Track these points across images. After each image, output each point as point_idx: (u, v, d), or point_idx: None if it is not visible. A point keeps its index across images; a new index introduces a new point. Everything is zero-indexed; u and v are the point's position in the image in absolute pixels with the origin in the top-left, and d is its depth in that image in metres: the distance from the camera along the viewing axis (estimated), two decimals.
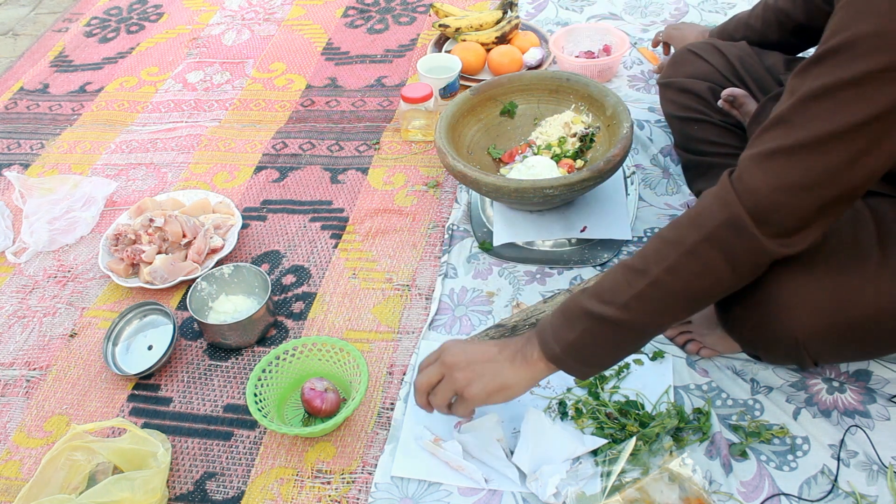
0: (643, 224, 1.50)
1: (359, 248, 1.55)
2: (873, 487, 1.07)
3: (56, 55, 2.32)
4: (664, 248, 0.92)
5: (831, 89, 0.80)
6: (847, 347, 1.02)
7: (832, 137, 0.80)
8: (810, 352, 1.01)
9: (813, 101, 0.82)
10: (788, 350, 1.02)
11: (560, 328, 0.98)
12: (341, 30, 2.27)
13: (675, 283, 0.91)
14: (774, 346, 1.04)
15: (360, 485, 1.15)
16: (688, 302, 0.94)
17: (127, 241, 1.54)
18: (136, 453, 1.15)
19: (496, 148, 1.59)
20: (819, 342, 0.99)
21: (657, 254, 0.92)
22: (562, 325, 0.98)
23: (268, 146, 1.85)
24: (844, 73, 0.79)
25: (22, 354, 1.43)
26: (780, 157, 0.84)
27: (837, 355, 1.09)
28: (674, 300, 0.93)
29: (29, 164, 1.91)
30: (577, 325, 0.96)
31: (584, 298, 0.97)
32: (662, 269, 0.90)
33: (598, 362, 1.00)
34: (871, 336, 0.98)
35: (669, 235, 0.92)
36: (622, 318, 0.93)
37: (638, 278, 0.92)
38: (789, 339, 0.99)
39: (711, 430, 1.14)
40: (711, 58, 1.43)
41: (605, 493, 1.06)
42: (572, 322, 0.97)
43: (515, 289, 1.41)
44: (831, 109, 0.80)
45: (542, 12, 2.20)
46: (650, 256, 0.93)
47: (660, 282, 0.91)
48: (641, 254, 0.95)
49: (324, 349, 1.27)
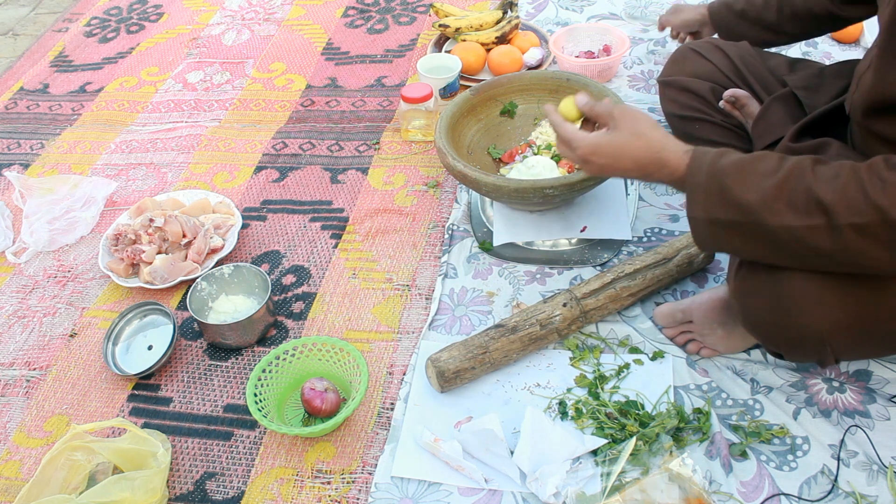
0: (643, 224, 1.50)
1: (359, 248, 1.55)
2: (873, 487, 1.07)
3: (56, 55, 2.32)
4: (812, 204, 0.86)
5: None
6: (870, 343, 1.01)
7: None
8: (834, 348, 0.99)
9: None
10: (812, 346, 1.00)
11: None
12: (341, 30, 2.27)
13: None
14: (798, 344, 1.02)
15: (360, 485, 1.15)
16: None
17: (127, 241, 1.54)
18: (136, 453, 1.15)
19: (496, 148, 1.59)
20: (843, 338, 0.98)
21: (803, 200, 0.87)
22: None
23: (268, 146, 1.85)
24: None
25: (22, 354, 1.43)
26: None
27: (860, 351, 1.07)
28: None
29: (29, 164, 1.91)
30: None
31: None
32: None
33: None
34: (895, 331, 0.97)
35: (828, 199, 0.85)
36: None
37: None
38: (814, 335, 0.98)
39: (711, 430, 1.14)
40: (713, 57, 1.42)
41: (605, 493, 1.06)
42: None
43: (515, 289, 1.41)
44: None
45: (542, 12, 2.20)
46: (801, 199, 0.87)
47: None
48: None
49: (324, 349, 1.27)
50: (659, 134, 1.01)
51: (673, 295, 1.37)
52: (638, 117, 1.03)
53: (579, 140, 1.06)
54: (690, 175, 0.96)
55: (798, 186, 0.87)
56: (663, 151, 0.99)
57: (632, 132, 1.02)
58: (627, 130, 1.03)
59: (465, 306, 1.40)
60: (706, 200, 0.94)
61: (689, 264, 1.34)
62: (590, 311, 1.28)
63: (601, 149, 1.04)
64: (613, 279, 1.29)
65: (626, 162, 1.02)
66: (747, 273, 1.02)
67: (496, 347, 1.23)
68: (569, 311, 1.26)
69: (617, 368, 1.25)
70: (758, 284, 1.01)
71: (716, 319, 1.22)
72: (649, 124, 1.02)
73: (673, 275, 1.33)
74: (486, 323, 1.36)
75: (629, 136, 1.02)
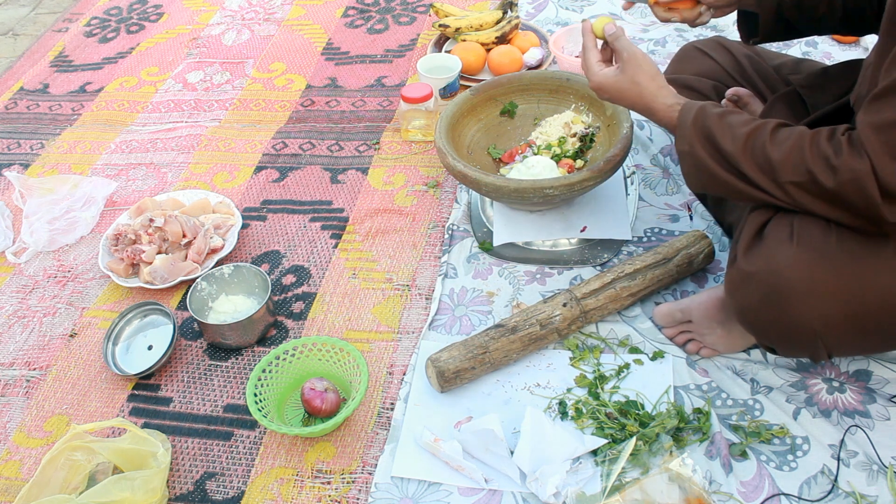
0: (643, 224, 1.50)
1: (359, 248, 1.55)
2: (873, 487, 1.07)
3: (56, 55, 2.32)
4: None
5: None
6: (863, 338, 1.01)
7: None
8: (826, 343, 1.00)
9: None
10: (805, 341, 1.01)
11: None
12: (341, 30, 2.27)
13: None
14: (790, 337, 1.03)
15: (360, 485, 1.15)
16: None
17: (127, 241, 1.54)
18: (136, 453, 1.15)
19: (496, 148, 1.59)
20: (836, 332, 0.98)
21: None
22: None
23: (268, 146, 1.85)
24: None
25: (22, 354, 1.43)
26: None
27: (853, 346, 1.08)
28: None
29: (29, 164, 1.91)
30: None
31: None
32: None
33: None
34: (889, 325, 0.97)
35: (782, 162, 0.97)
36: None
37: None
38: (806, 330, 0.99)
39: (711, 430, 1.14)
40: (718, 55, 1.42)
41: (605, 493, 1.06)
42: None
43: (515, 289, 1.41)
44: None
45: (542, 12, 2.20)
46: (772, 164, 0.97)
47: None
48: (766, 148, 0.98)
49: (324, 349, 1.27)
50: (654, 86, 1.15)
51: (673, 295, 1.37)
52: (641, 65, 1.16)
53: (593, 73, 1.21)
54: (681, 122, 1.09)
55: (756, 143, 0.98)
56: (653, 102, 1.14)
57: (631, 79, 1.16)
58: (628, 76, 1.17)
59: (465, 306, 1.40)
60: (692, 137, 1.06)
61: (689, 264, 1.34)
62: (590, 311, 1.28)
63: (605, 86, 1.20)
64: (613, 279, 1.29)
65: (624, 101, 1.19)
66: (741, 266, 1.03)
67: (496, 347, 1.23)
68: (569, 311, 1.26)
69: (617, 368, 1.24)
70: (750, 277, 1.01)
71: (715, 319, 1.22)
72: (648, 75, 1.15)
73: (673, 275, 1.33)
74: (486, 323, 1.36)
75: (628, 83, 1.17)
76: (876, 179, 0.88)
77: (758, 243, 1.02)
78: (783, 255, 0.98)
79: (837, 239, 0.95)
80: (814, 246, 0.95)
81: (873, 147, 0.88)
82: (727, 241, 1.43)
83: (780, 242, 0.99)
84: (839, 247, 0.95)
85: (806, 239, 0.97)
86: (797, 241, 0.97)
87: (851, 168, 0.90)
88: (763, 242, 1.01)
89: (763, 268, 1.00)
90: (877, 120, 0.89)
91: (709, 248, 1.35)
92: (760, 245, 1.02)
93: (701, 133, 1.04)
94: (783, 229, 0.99)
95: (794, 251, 0.96)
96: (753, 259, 1.01)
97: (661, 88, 1.14)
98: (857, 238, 0.95)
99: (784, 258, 0.97)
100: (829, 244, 0.95)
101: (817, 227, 0.97)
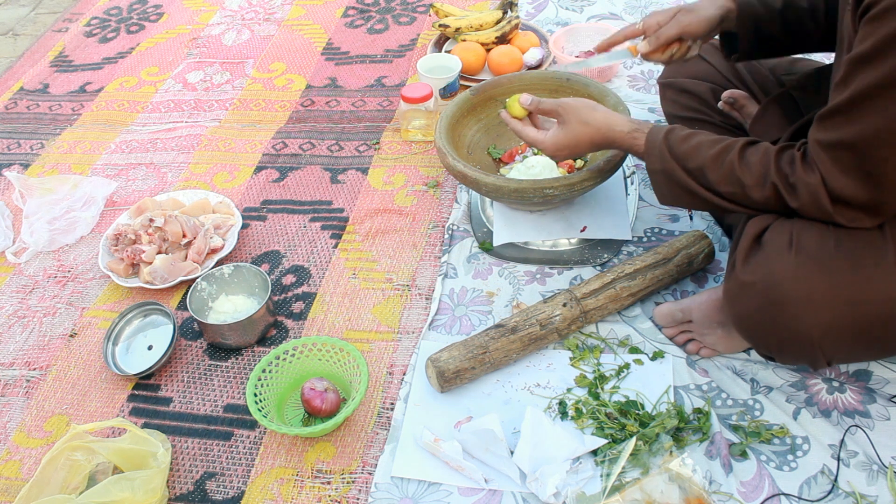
0: (643, 224, 1.50)
1: (359, 248, 1.55)
2: (873, 487, 1.07)
3: (56, 55, 2.32)
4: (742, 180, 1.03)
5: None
6: (861, 346, 1.01)
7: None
8: (825, 351, 1.00)
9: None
10: (803, 349, 1.01)
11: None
12: (341, 30, 2.27)
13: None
14: (789, 346, 1.03)
15: (360, 485, 1.15)
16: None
17: (127, 241, 1.54)
18: (136, 453, 1.15)
19: (496, 148, 1.59)
20: (834, 340, 0.98)
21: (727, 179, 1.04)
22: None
23: (268, 146, 1.85)
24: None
25: (22, 354, 1.43)
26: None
27: (852, 354, 1.08)
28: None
29: (29, 164, 1.91)
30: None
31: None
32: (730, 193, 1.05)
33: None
34: (887, 334, 0.98)
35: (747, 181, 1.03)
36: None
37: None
38: (804, 338, 0.99)
39: (711, 430, 1.14)
40: (713, 58, 1.43)
41: (605, 493, 1.06)
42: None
43: (515, 289, 1.41)
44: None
45: (542, 12, 2.20)
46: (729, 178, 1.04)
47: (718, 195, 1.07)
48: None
49: (324, 349, 1.27)
50: (601, 116, 1.19)
51: (673, 295, 1.37)
52: (579, 107, 1.21)
53: (541, 141, 1.26)
54: (647, 153, 1.13)
55: (724, 165, 1.04)
56: (610, 132, 1.18)
57: (578, 121, 1.21)
58: (574, 121, 1.21)
59: (465, 306, 1.40)
60: (661, 158, 1.11)
61: (689, 264, 1.34)
62: (590, 311, 1.28)
63: (560, 143, 1.23)
64: (613, 279, 1.29)
65: (584, 146, 1.22)
66: (739, 276, 1.03)
67: (496, 347, 1.23)
68: (569, 311, 1.26)
69: (617, 368, 1.25)
70: (749, 287, 1.01)
71: (715, 319, 1.22)
72: (589, 110, 1.20)
73: (673, 275, 1.33)
74: (486, 323, 1.36)
75: (578, 126, 1.21)
76: (826, 190, 0.94)
77: (756, 251, 1.02)
78: (782, 265, 0.97)
79: (836, 247, 0.95)
80: (813, 255, 0.95)
81: (823, 163, 0.94)
82: (727, 241, 1.43)
83: (779, 252, 0.99)
84: (838, 255, 0.95)
85: (805, 248, 0.97)
86: (796, 251, 0.97)
87: (806, 182, 0.96)
88: (762, 251, 1.01)
89: (762, 278, 1.00)
90: (824, 138, 0.94)
91: (709, 248, 1.35)
92: (759, 253, 1.02)
93: (671, 155, 1.09)
94: (782, 237, 0.99)
95: (794, 261, 0.96)
96: (752, 269, 1.01)
97: (609, 116, 1.19)
98: (857, 246, 0.95)
99: (783, 269, 0.97)
100: (829, 252, 0.95)
101: (816, 235, 0.97)
